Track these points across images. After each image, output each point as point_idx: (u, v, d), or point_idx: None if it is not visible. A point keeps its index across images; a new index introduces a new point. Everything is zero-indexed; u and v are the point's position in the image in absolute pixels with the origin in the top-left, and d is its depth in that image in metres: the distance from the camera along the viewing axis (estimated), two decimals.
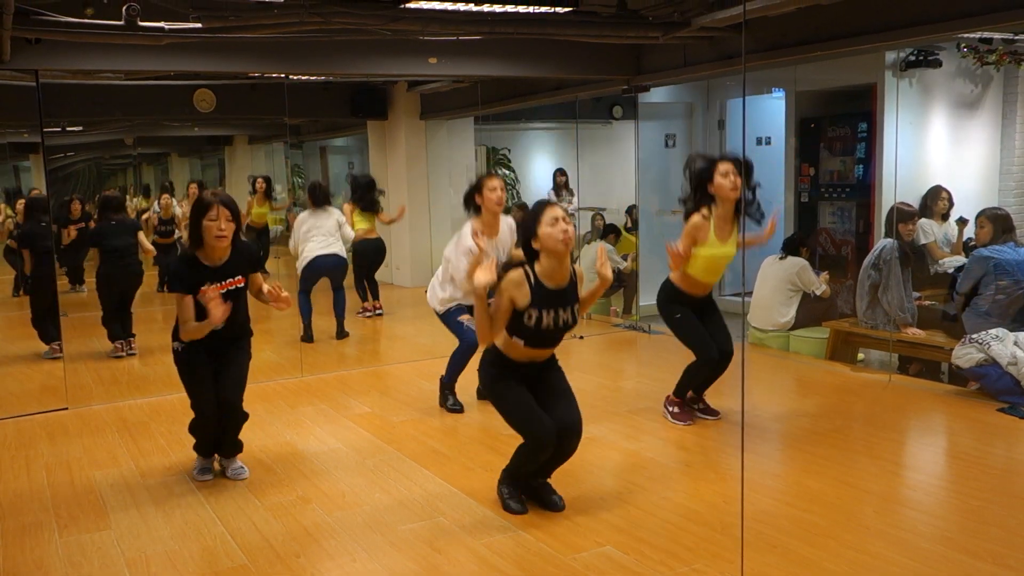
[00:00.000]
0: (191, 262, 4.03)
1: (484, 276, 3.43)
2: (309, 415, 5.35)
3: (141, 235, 7.31)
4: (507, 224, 5.34)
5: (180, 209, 9.40)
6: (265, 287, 4.19)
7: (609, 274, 3.66)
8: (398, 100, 10.28)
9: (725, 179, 4.51)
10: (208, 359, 4.14)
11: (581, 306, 3.70)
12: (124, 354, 7.14)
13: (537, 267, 3.57)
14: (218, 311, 3.83)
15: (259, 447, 4.67)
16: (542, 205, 3.60)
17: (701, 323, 4.82)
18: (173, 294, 4.00)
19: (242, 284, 4.10)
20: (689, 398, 4.97)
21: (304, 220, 7.58)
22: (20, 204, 8.19)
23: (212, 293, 3.84)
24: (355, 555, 3.39)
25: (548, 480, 3.82)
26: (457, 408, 5.34)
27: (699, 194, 4.64)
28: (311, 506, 3.88)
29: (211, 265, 4.03)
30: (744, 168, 4.56)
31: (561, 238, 3.49)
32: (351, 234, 7.90)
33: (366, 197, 8.38)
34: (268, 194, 9.45)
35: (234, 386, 4.17)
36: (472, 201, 5.20)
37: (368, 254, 8.51)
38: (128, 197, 10.70)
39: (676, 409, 4.92)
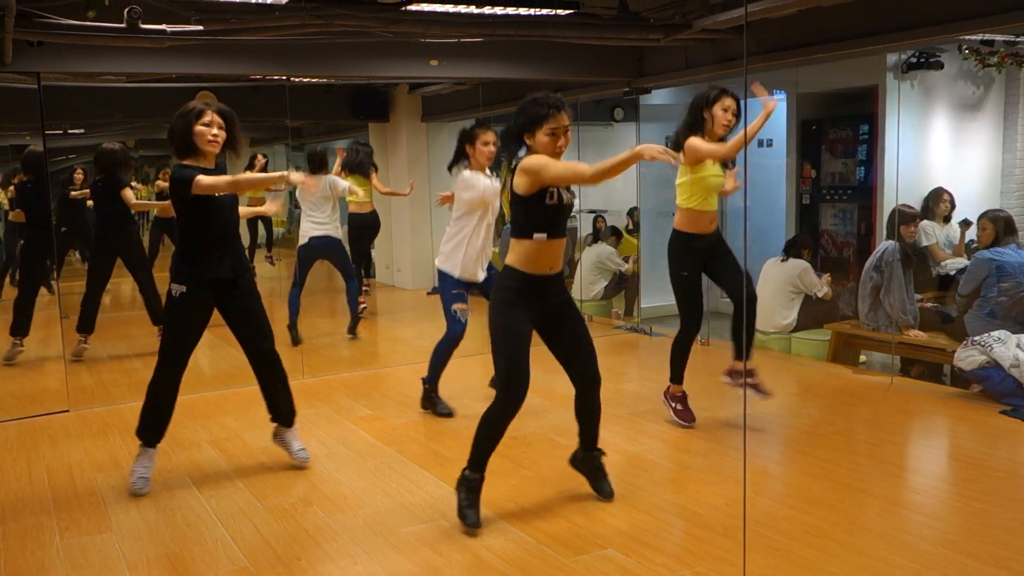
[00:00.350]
0: (190, 166, 3.87)
1: (661, 154, 3.17)
2: (310, 417, 5.35)
3: (126, 192, 6.90)
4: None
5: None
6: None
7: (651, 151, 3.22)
8: (399, 102, 10.28)
9: (725, 113, 4.59)
10: (208, 309, 3.99)
11: (605, 170, 3.37)
12: (87, 346, 7.00)
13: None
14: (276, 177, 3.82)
15: (260, 449, 4.67)
16: (545, 111, 3.45)
17: (715, 269, 4.77)
18: (191, 188, 3.74)
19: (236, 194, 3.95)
20: (735, 371, 4.86)
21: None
22: (16, 179, 7.90)
23: (261, 158, 3.75)
24: (356, 557, 3.38)
25: (602, 461, 3.84)
26: (447, 412, 5.24)
27: (694, 119, 4.65)
28: (312, 508, 3.88)
29: (209, 169, 3.89)
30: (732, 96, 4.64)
31: (555, 151, 3.48)
32: (343, 184, 7.53)
33: (353, 159, 8.08)
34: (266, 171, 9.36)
35: (265, 335, 4.08)
36: (462, 151, 5.04)
37: (363, 227, 8.25)
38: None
39: (678, 406, 4.89)
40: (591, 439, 3.86)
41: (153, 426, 4.16)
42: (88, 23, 4.87)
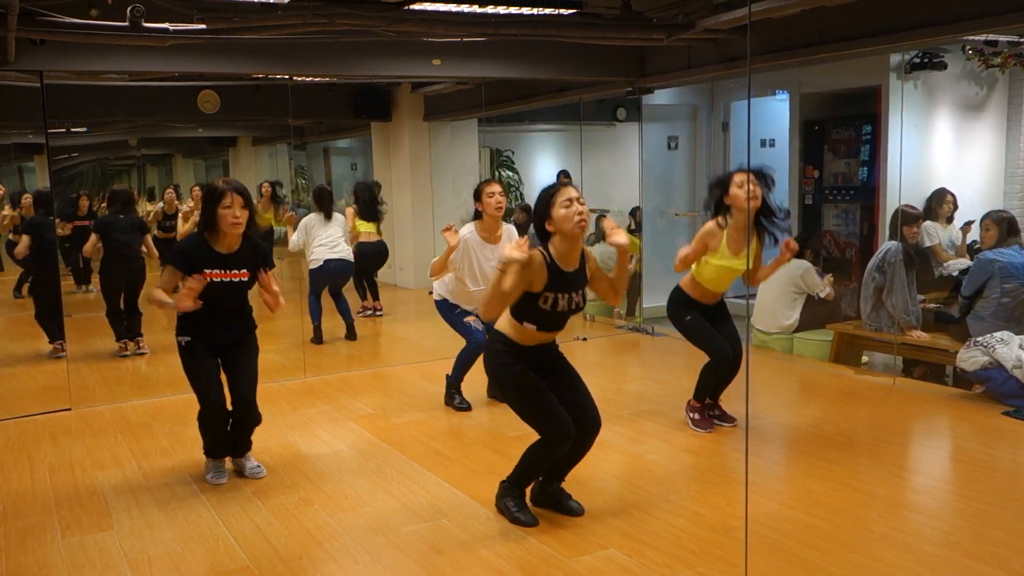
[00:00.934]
0: (201, 244, 4.01)
1: (517, 252, 3.33)
2: (312, 417, 5.35)
3: (148, 238, 7.32)
4: (507, 231, 5.35)
5: (184, 207, 9.42)
6: (275, 287, 4.17)
7: (621, 239, 3.51)
8: (402, 101, 10.28)
9: (740, 189, 4.44)
10: (213, 352, 4.14)
11: (618, 284, 3.66)
12: (130, 353, 7.15)
13: (552, 249, 3.50)
14: (187, 302, 3.83)
15: (262, 448, 4.66)
16: (555, 187, 3.52)
17: (713, 325, 4.80)
18: (167, 265, 4.00)
19: (247, 278, 4.08)
20: (706, 404, 4.95)
21: (313, 225, 7.59)
22: (27, 199, 8.20)
23: (195, 284, 3.82)
24: (357, 557, 3.38)
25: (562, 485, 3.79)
26: (464, 406, 5.37)
27: (717, 205, 4.63)
28: (314, 508, 3.88)
29: (220, 252, 4.01)
30: (763, 177, 4.50)
31: (576, 220, 3.43)
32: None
33: (368, 207, 8.37)
34: (274, 199, 9.48)
35: (248, 383, 4.17)
36: (477, 208, 5.29)
37: (371, 257, 8.51)
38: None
39: (696, 416, 4.88)
40: (562, 473, 3.77)
41: (215, 446, 4.28)
42: (91, 21, 4.86)
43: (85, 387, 6.17)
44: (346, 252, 7.67)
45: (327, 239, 7.55)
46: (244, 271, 4.06)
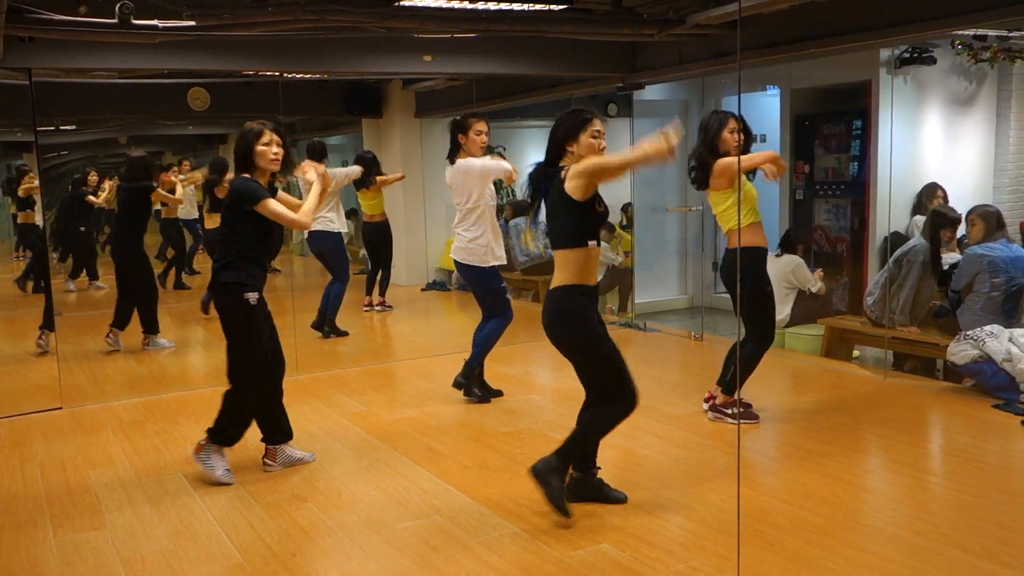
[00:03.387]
0: (253, 180, 4.06)
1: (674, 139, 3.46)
2: (304, 413, 5.34)
3: (157, 192, 7.24)
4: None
5: (180, 188, 9.42)
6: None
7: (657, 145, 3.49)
8: (393, 98, 10.26)
9: (732, 135, 4.70)
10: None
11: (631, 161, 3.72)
12: (114, 346, 7.12)
13: (571, 160, 3.65)
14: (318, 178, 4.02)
15: (254, 446, 4.65)
16: (588, 116, 3.65)
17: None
18: (256, 205, 3.95)
19: None
20: (722, 403, 4.90)
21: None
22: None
23: (308, 167, 4.02)
24: (351, 553, 3.38)
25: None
26: (496, 394, 5.36)
27: (709, 147, 4.76)
28: (307, 504, 3.88)
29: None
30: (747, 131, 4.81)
31: (599, 149, 3.63)
32: (340, 172, 7.67)
33: (364, 177, 8.11)
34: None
35: (280, 355, 4.28)
36: (456, 142, 5.19)
37: (369, 238, 8.37)
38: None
39: (733, 410, 4.86)
40: (594, 458, 3.80)
41: (235, 434, 4.24)
42: (79, 18, 4.84)
43: (76, 385, 6.15)
44: (327, 223, 7.37)
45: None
46: None
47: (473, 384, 5.41)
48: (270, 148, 4.02)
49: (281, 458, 4.35)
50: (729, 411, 4.86)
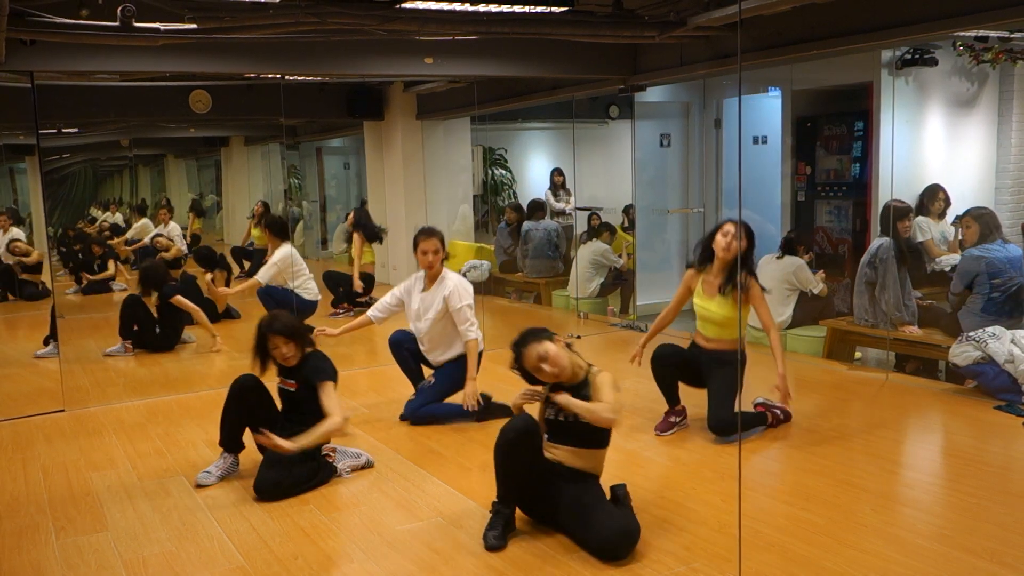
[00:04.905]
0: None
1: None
2: None
3: (178, 300, 7.16)
4: (451, 282, 5.19)
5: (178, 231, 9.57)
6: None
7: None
8: (394, 100, 10.27)
9: (724, 237, 4.67)
10: None
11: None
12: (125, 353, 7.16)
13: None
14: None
15: (255, 448, 4.65)
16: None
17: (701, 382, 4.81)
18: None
19: (294, 389, 4.22)
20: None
21: (289, 254, 7.41)
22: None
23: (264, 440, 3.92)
24: (353, 556, 3.38)
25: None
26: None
27: (703, 252, 4.82)
28: (308, 507, 3.88)
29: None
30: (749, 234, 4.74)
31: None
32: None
33: (372, 231, 8.69)
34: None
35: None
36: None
37: (370, 287, 8.71)
38: (118, 208, 10.81)
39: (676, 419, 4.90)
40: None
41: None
42: (81, 21, 4.85)
43: (78, 388, 6.16)
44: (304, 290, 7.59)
45: (305, 271, 7.59)
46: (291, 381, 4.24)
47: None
48: (279, 350, 4.13)
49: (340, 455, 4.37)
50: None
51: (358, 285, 8.47)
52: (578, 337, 7.48)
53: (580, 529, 3.38)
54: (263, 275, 7.32)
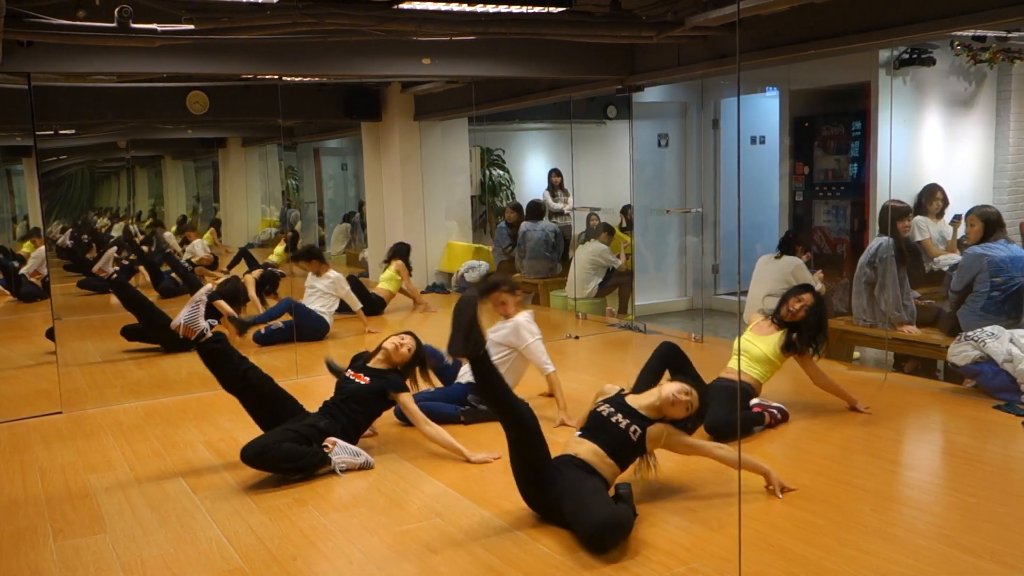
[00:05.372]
0: None
1: None
2: None
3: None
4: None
5: (202, 246, 9.64)
6: None
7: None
8: (392, 101, 10.27)
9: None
10: None
11: None
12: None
13: None
14: None
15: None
16: None
17: None
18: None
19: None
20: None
21: (309, 277, 7.76)
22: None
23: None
24: (352, 557, 3.38)
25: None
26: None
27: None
28: (307, 508, 3.87)
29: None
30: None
31: None
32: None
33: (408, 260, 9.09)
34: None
35: None
36: None
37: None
38: (113, 213, 10.83)
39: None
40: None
41: None
42: (78, 23, 4.84)
43: (76, 390, 6.15)
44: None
45: (315, 295, 7.81)
46: None
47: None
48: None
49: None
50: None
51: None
52: (576, 337, 7.48)
53: (574, 512, 3.39)
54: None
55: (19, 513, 3.94)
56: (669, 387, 3.72)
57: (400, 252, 9.10)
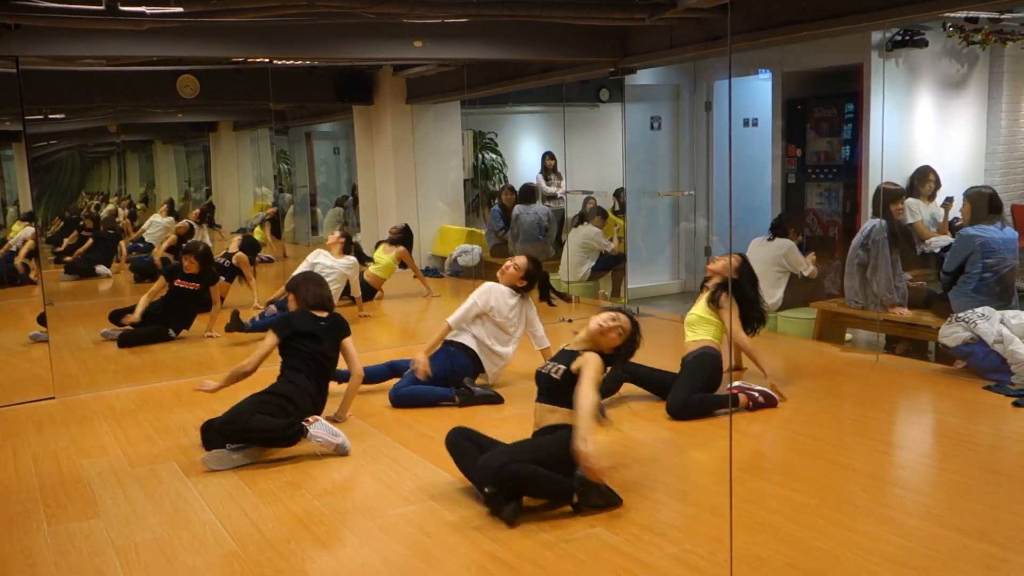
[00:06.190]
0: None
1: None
2: None
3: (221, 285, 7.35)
4: None
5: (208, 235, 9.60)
6: None
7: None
8: (384, 84, 10.22)
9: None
10: None
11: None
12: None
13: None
14: None
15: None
16: None
17: None
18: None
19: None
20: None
21: (316, 254, 7.73)
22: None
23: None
24: (345, 540, 3.39)
25: None
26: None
27: None
28: (300, 492, 3.88)
29: None
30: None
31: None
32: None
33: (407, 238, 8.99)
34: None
35: None
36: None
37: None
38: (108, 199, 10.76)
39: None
40: None
41: None
42: (67, 5, 4.80)
43: (68, 375, 6.13)
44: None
45: (329, 277, 7.79)
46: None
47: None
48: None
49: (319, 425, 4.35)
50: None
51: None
52: (569, 321, 7.49)
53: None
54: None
55: (12, 498, 3.94)
56: (595, 318, 3.86)
57: (405, 239, 9.00)
